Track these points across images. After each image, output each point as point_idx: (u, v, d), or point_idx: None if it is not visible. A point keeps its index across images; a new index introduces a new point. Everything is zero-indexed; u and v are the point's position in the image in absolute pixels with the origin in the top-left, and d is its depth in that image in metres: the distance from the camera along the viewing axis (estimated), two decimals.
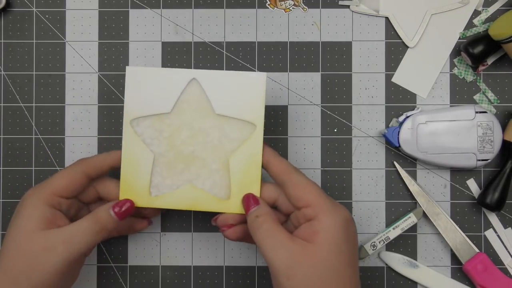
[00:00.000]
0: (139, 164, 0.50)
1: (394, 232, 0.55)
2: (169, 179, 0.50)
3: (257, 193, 0.49)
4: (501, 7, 0.57)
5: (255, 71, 0.57)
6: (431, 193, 0.56)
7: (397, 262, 0.56)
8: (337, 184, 0.57)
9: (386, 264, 0.56)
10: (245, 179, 0.49)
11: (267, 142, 0.56)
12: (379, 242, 0.55)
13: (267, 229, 0.45)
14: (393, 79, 0.57)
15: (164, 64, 0.57)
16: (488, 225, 0.56)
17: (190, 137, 0.49)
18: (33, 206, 0.46)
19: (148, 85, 0.49)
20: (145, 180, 0.50)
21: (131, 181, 0.50)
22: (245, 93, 0.49)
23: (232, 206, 0.49)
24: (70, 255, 0.45)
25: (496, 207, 0.54)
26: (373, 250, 0.54)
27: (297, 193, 0.46)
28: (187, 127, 0.49)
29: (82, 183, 0.48)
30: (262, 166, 0.49)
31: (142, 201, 0.50)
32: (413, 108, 0.56)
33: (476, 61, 0.54)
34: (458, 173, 0.56)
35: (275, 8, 0.57)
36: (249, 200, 0.48)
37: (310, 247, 0.43)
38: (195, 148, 0.49)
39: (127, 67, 0.49)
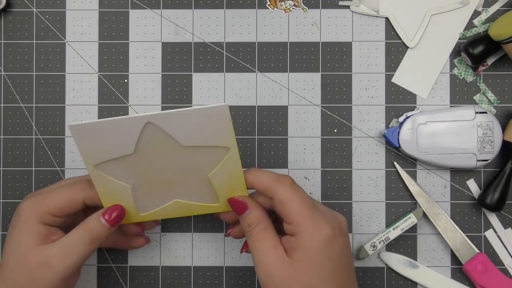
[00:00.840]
0: (119, 196, 0.47)
1: (394, 233, 0.55)
2: (154, 201, 0.48)
3: (245, 192, 0.48)
4: (501, 7, 0.57)
5: (254, 71, 0.57)
6: (431, 193, 0.56)
7: (397, 262, 0.56)
8: (337, 185, 0.57)
9: (386, 265, 0.56)
10: (231, 188, 0.48)
11: (267, 142, 0.57)
12: (379, 243, 0.55)
13: (256, 235, 0.45)
14: (393, 80, 0.57)
15: (164, 65, 0.57)
16: (488, 226, 0.56)
17: (163, 168, 0.46)
18: (30, 221, 0.46)
19: (100, 136, 0.44)
20: (130, 206, 0.48)
21: None
22: (210, 123, 0.44)
23: (222, 207, 0.49)
24: (66, 269, 0.45)
25: (496, 208, 0.54)
26: (373, 250, 0.54)
27: (281, 210, 0.45)
28: (156, 161, 0.46)
29: (78, 208, 0.48)
30: (248, 188, 0.48)
31: (133, 218, 0.49)
32: (413, 108, 0.56)
33: (476, 61, 0.54)
34: (458, 174, 0.56)
35: (275, 8, 0.57)
36: (238, 205, 0.47)
37: (288, 261, 0.44)
38: (171, 175, 0.47)
39: (69, 125, 0.44)
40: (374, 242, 0.55)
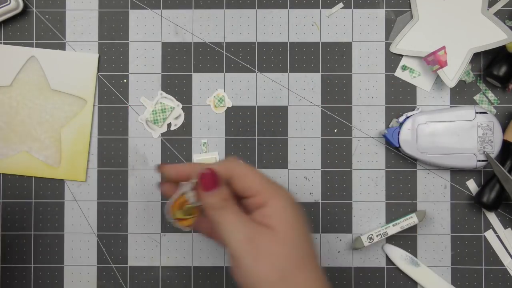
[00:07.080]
0: None
1: (393, 229, 0.55)
2: (5, 149, 0.55)
3: (84, 160, 0.55)
4: (502, 7, 0.56)
5: (254, 71, 0.57)
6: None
7: (399, 257, 0.56)
8: (337, 185, 0.57)
9: (387, 256, 0.56)
10: (74, 149, 0.55)
11: (267, 142, 0.57)
12: (377, 236, 0.55)
13: (230, 209, 0.44)
14: (396, 73, 0.57)
15: (164, 65, 0.57)
16: (488, 226, 0.56)
17: (29, 112, 0.54)
18: None
19: None
20: None
21: None
22: (78, 71, 0.55)
23: (62, 173, 0.55)
24: None
25: (493, 206, 0.54)
26: (369, 242, 0.54)
27: (243, 184, 0.45)
28: (26, 101, 0.55)
29: None
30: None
31: None
32: (413, 109, 0.56)
33: (504, 81, 0.54)
34: (458, 174, 0.56)
35: None
36: (209, 179, 0.45)
37: (268, 229, 0.43)
38: (32, 125, 0.55)
39: None
40: (372, 235, 0.55)
